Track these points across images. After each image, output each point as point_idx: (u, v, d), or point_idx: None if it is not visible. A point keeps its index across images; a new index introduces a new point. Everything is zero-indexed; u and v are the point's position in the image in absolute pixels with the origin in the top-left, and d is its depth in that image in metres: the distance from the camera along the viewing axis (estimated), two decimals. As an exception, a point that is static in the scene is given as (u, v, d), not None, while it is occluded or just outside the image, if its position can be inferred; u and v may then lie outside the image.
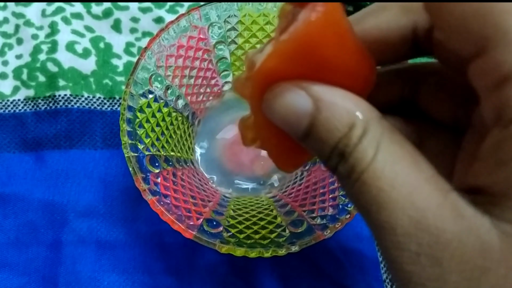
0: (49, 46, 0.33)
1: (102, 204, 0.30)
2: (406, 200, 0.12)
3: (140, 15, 0.35)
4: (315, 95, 0.14)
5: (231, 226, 0.25)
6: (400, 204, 0.12)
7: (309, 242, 0.24)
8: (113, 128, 0.32)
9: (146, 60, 0.26)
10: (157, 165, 0.26)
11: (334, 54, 0.14)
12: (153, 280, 0.28)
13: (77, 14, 0.35)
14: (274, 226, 0.26)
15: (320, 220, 0.25)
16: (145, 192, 0.24)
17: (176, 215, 0.24)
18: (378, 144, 0.13)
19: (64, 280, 0.28)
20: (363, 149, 0.13)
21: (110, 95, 0.33)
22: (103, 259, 0.29)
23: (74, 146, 0.31)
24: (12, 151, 0.31)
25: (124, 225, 0.30)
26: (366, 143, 0.13)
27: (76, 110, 0.32)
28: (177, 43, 0.27)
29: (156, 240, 0.29)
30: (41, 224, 0.29)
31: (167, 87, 0.28)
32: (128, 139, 0.25)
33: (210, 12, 0.28)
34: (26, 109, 0.32)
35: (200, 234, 0.23)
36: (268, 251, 0.23)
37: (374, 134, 0.13)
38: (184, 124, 0.30)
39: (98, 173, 0.31)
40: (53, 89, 0.32)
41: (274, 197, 0.29)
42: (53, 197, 0.30)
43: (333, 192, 0.26)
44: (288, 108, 0.14)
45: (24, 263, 0.29)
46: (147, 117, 0.26)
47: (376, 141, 0.13)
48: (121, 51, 0.34)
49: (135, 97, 0.26)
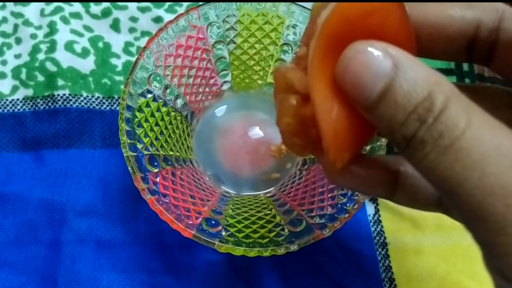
0: (48, 46, 0.33)
1: (101, 204, 0.30)
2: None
3: (139, 15, 0.35)
4: (395, 55, 0.13)
5: (230, 225, 0.25)
6: None
7: (308, 241, 0.24)
8: (112, 127, 0.32)
9: (145, 60, 0.26)
10: (156, 164, 0.26)
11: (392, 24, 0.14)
12: (152, 279, 0.28)
13: (76, 13, 0.35)
14: (273, 225, 0.26)
15: (319, 219, 0.25)
16: (144, 191, 0.24)
17: (175, 215, 0.24)
18: (469, 111, 0.12)
19: (64, 279, 0.28)
20: (453, 115, 0.12)
21: (109, 94, 0.33)
22: (102, 258, 0.29)
23: (73, 145, 0.31)
24: (11, 151, 0.31)
25: (123, 224, 0.30)
26: (454, 110, 0.12)
27: (75, 110, 0.32)
28: (176, 42, 0.27)
29: (155, 239, 0.29)
30: (40, 223, 0.29)
31: (166, 86, 0.28)
32: (127, 139, 0.25)
33: (209, 12, 0.28)
34: (25, 109, 0.32)
35: (199, 233, 0.23)
36: (267, 250, 0.23)
37: (462, 102, 0.13)
38: (183, 123, 0.30)
39: (97, 173, 0.31)
40: (52, 89, 0.32)
41: (273, 196, 0.29)
42: (52, 196, 0.30)
43: (332, 192, 0.26)
44: (365, 66, 0.13)
45: (24, 262, 0.29)
46: (146, 117, 0.27)
47: (466, 107, 0.13)
48: (120, 50, 0.34)
49: (134, 96, 0.26)
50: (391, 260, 0.29)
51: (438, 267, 0.29)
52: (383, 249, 0.30)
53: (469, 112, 0.12)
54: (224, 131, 0.31)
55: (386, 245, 0.30)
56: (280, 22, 0.29)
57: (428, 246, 0.30)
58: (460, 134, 0.12)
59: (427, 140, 0.13)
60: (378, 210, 0.31)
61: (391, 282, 0.29)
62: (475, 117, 0.12)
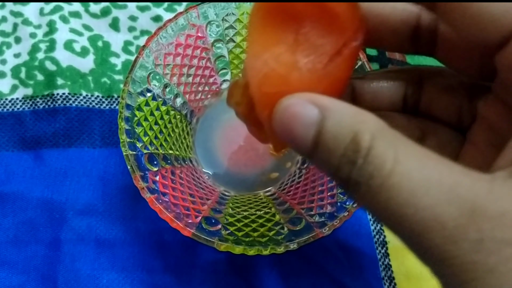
0: (47, 45, 0.33)
1: (101, 203, 0.30)
2: (450, 194, 0.12)
3: (138, 14, 0.35)
4: (321, 104, 0.13)
5: (229, 224, 0.25)
6: (443, 200, 0.12)
7: (307, 240, 0.24)
8: (112, 126, 0.32)
9: (144, 59, 0.26)
10: (156, 163, 0.26)
11: None
12: (152, 278, 0.28)
13: (75, 12, 0.35)
14: (273, 224, 0.26)
15: (318, 218, 0.25)
16: (144, 190, 0.24)
17: (175, 213, 0.24)
18: (395, 146, 0.13)
19: (63, 278, 0.28)
20: (380, 153, 0.12)
21: (109, 93, 0.33)
22: (102, 257, 0.29)
23: (73, 144, 0.31)
24: (10, 150, 0.31)
25: (123, 223, 0.30)
26: (381, 147, 0.13)
27: (75, 109, 0.32)
28: (175, 41, 0.27)
29: (155, 238, 0.29)
30: (40, 222, 0.29)
31: (165, 85, 0.28)
32: (126, 138, 0.25)
33: (208, 11, 0.28)
34: (25, 108, 0.32)
35: (198, 232, 0.23)
36: (267, 249, 0.23)
37: (389, 138, 0.13)
38: (182, 122, 0.30)
39: (97, 172, 0.31)
40: (51, 88, 0.32)
41: (272, 195, 0.29)
42: (52, 195, 0.30)
43: (332, 190, 0.26)
44: (295, 118, 0.14)
45: (23, 261, 0.29)
46: (145, 116, 0.27)
47: (393, 143, 0.13)
48: (119, 49, 0.34)
49: (133, 95, 0.26)
50: (391, 259, 0.29)
51: (438, 266, 0.29)
52: (383, 247, 0.30)
53: (396, 147, 0.13)
54: (224, 130, 0.31)
55: (386, 244, 0.30)
56: (280, 21, 0.29)
57: (428, 244, 0.30)
58: (389, 172, 0.12)
59: (361, 181, 0.13)
60: (377, 209, 0.31)
61: (390, 281, 0.29)
62: (402, 151, 0.12)
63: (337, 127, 0.13)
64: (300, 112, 0.14)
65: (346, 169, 0.13)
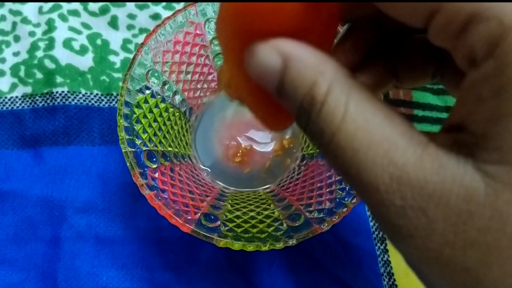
0: (46, 43, 0.33)
1: (101, 200, 0.30)
2: (385, 157, 0.12)
3: (137, 12, 0.35)
4: (284, 52, 0.13)
5: (229, 220, 0.25)
6: (378, 163, 0.12)
7: (306, 235, 0.24)
8: (111, 124, 0.32)
9: (143, 56, 0.26)
10: (155, 160, 0.26)
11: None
12: (151, 275, 0.29)
13: (73, 11, 0.35)
14: (272, 220, 0.26)
15: (317, 213, 0.25)
16: (143, 187, 0.24)
17: (174, 210, 0.24)
18: (346, 103, 0.13)
19: (63, 276, 0.28)
20: (331, 109, 0.13)
21: (108, 91, 0.33)
22: (101, 254, 0.29)
23: (72, 142, 0.31)
24: (10, 148, 0.31)
25: (123, 221, 0.30)
26: (333, 103, 0.13)
27: (74, 107, 0.32)
28: (174, 38, 0.27)
29: (155, 235, 0.29)
30: (39, 220, 0.29)
31: (164, 82, 0.28)
32: (125, 135, 0.25)
33: (206, 8, 0.28)
34: (24, 106, 0.32)
35: (198, 229, 0.24)
36: (266, 245, 0.23)
37: (341, 93, 0.13)
38: (181, 119, 0.30)
39: (96, 169, 0.31)
40: (50, 86, 0.32)
41: (272, 192, 0.29)
42: (51, 193, 0.30)
43: (330, 186, 0.26)
44: (261, 66, 0.14)
45: (23, 259, 0.29)
46: (144, 113, 0.27)
47: (344, 99, 0.13)
48: (118, 47, 0.34)
49: (132, 93, 0.26)
50: (390, 255, 0.29)
51: (437, 262, 0.29)
52: (382, 243, 0.30)
53: (347, 104, 0.13)
54: (222, 127, 0.31)
55: (385, 240, 0.30)
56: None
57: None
58: (336, 129, 0.12)
59: (314, 135, 0.13)
60: (376, 205, 0.31)
61: (390, 277, 0.29)
62: (352, 107, 0.13)
63: (296, 77, 0.13)
64: (264, 59, 0.13)
65: (303, 122, 0.13)
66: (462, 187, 0.11)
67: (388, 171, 0.12)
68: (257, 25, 0.14)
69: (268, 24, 0.14)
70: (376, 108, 0.13)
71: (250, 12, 0.14)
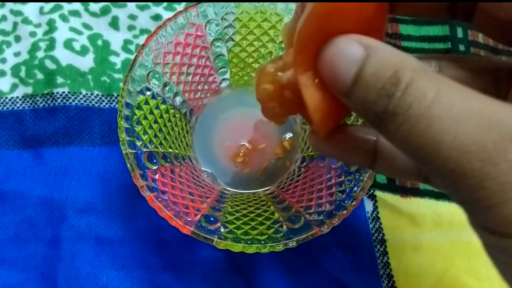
0: (47, 44, 0.33)
1: (101, 201, 0.30)
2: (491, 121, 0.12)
3: (138, 13, 0.35)
4: (366, 43, 0.14)
5: (228, 222, 0.26)
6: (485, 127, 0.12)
7: (306, 237, 0.24)
8: (111, 125, 0.32)
9: (144, 57, 0.26)
10: (155, 161, 0.26)
11: None
12: (151, 276, 0.29)
13: (74, 11, 0.35)
14: (272, 222, 0.26)
15: (317, 216, 0.25)
16: (143, 188, 0.24)
17: (174, 211, 0.24)
18: (437, 81, 0.13)
19: (63, 276, 0.28)
20: (421, 86, 0.13)
21: (108, 92, 0.33)
22: (102, 255, 0.29)
23: (73, 143, 0.32)
24: (10, 148, 0.31)
25: (123, 222, 0.30)
26: (422, 82, 0.13)
27: (74, 107, 0.32)
28: (175, 40, 0.28)
29: (154, 236, 0.29)
30: (40, 220, 0.30)
31: (165, 84, 0.28)
32: (126, 136, 0.25)
33: (207, 9, 0.28)
34: (25, 107, 0.32)
35: (198, 230, 0.24)
36: (266, 247, 0.23)
37: (429, 74, 0.13)
38: (181, 121, 0.30)
39: (97, 170, 0.31)
40: (51, 87, 0.32)
41: (271, 193, 0.29)
42: (52, 193, 0.30)
43: (330, 188, 0.26)
44: (340, 54, 0.14)
45: (23, 259, 0.29)
46: (144, 114, 0.27)
47: (434, 79, 0.13)
48: (119, 48, 0.34)
49: (133, 94, 0.26)
50: (390, 257, 0.30)
51: (436, 264, 0.29)
52: (381, 245, 0.30)
53: (437, 82, 0.13)
54: (223, 128, 0.31)
55: (384, 242, 0.30)
56: (279, 20, 0.29)
57: (426, 242, 0.30)
58: (430, 102, 0.13)
59: (398, 112, 0.13)
60: (376, 207, 0.31)
61: (389, 279, 0.29)
62: (444, 86, 0.13)
63: (379, 63, 0.14)
64: (346, 48, 0.14)
65: (383, 102, 0.13)
66: None
67: (497, 132, 0.12)
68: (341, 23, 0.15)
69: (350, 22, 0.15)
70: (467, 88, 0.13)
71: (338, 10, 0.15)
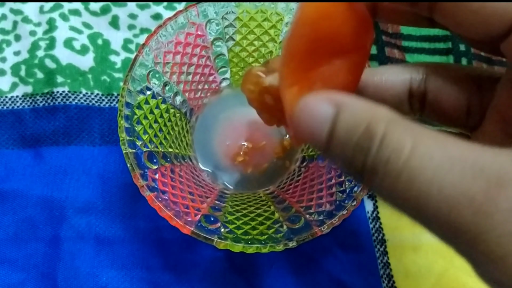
0: (47, 43, 0.33)
1: (101, 200, 0.30)
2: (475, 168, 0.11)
3: (138, 12, 0.35)
4: (336, 100, 0.14)
5: (229, 222, 0.26)
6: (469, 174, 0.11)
7: (306, 238, 0.24)
8: (111, 124, 0.32)
9: (144, 57, 0.26)
10: (155, 161, 0.26)
11: None
12: (151, 276, 0.29)
13: (75, 10, 0.35)
14: (272, 222, 0.26)
15: (317, 216, 0.25)
16: (143, 188, 0.24)
17: (174, 211, 0.24)
18: (412, 131, 0.13)
19: (63, 276, 0.28)
20: (397, 138, 0.12)
21: (108, 91, 0.33)
22: (101, 255, 0.29)
23: (73, 142, 0.31)
24: (10, 148, 0.31)
25: (123, 221, 0.30)
26: (397, 133, 0.13)
27: (74, 107, 0.32)
28: (175, 39, 0.27)
29: (154, 236, 0.29)
30: (39, 220, 0.30)
31: (165, 83, 0.28)
32: (126, 136, 0.25)
33: (207, 9, 0.28)
34: (24, 106, 0.32)
35: (198, 230, 0.24)
36: (266, 247, 0.23)
37: (404, 124, 0.13)
38: (182, 120, 0.30)
39: (97, 170, 0.31)
40: (51, 86, 0.32)
41: (271, 193, 0.29)
42: (51, 193, 0.30)
43: (330, 188, 0.26)
44: (311, 114, 0.14)
45: (23, 259, 0.29)
46: (145, 114, 0.27)
47: (410, 129, 0.13)
48: (119, 47, 0.34)
49: (133, 93, 0.26)
50: (390, 257, 0.30)
51: (436, 264, 0.29)
52: (381, 245, 0.30)
53: (412, 132, 0.13)
54: (223, 128, 0.31)
55: (384, 242, 0.30)
56: (279, 19, 0.29)
57: (426, 243, 0.30)
58: (409, 154, 0.12)
59: (377, 167, 0.13)
60: (376, 207, 0.31)
61: (389, 279, 0.29)
62: (419, 135, 0.12)
63: (350, 119, 0.13)
64: (316, 108, 0.14)
65: (360, 158, 0.13)
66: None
67: (483, 179, 0.11)
68: (328, 42, 0.16)
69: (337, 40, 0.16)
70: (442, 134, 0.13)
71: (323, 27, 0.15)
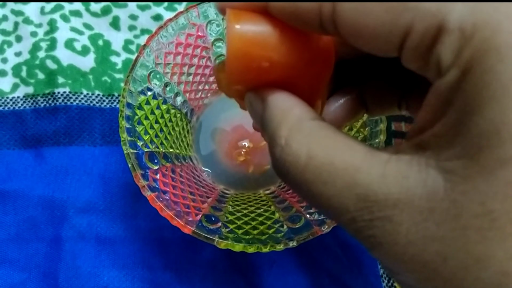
0: (48, 44, 0.34)
1: (102, 200, 0.30)
2: (350, 182, 0.13)
3: (139, 13, 0.35)
4: (264, 98, 0.16)
5: (229, 221, 0.26)
6: (346, 189, 0.13)
7: (306, 237, 0.24)
8: (112, 125, 0.32)
9: (145, 58, 0.26)
10: (156, 161, 0.26)
11: None
12: (152, 275, 0.29)
13: (75, 11, 0.35)
14: (272, 221, 0.26)
15: (317, 215, 0.25)
16: (144, 188, 0.24)
17: (175, 211, 0.24)
18: (309, 143, 0.14)
19: (64, 276, 0.28)
20: (294, 150, 0.14)
21: (109, 92, 0.33)
22: (103, 254, 0.29)
23: (74, 143, 0.32)
24: (12, 148, 0.32)
25: (124, 221, 0.30)
26: (295, 143, 0.14)
27: (75, 107, 0.32)
28: (176, 40, 0.28)
29: (155, 235, 0.30)
30: (41, 220, 0.30)
31: (166, 84, 0.28)
32: (127, 136, 0.25)
33: (208, 10, 0.28)
34: (26, 106, 0.32)
35: (198, 230, 0.24)
36: (266, 247, 0.24)
37: (303, 131, 0.14)
38: (182, 120, 0.30)
39: (98, 170, 0.31)
40: (52, 86, 0.32)
41: (272, 193, 0.29)
42: (53, 193, 0.30)
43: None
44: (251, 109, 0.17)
45: (25, 259, 0.29)
46: (146, 114, 0.27)
47: (306, 137, 0.14)
48: (120, 48, 0.34)
49: (134, 94, 0.26)
50: (390, 256, 0.30)
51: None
52: (381, 245, 0.30)
53: (308, 142, 0.14)
54: (223, 128, 0.31)
55: (384, 242, 0.30)
56: (279, 20, 0.29)
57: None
58: (303, 167, 0.14)
59: (281, 172, 0.14)
60: (376, 207, 0.31)
61: (389, 279, 0.29)
62: (314, 144, 0.14)
63: (268, 118, 0.15)
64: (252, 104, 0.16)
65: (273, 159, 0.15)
66: (424, 188, 0.12)
67: (355, 193, 0.13)
68: None
69: None
70: (337, 142, 0.14)
71: None
